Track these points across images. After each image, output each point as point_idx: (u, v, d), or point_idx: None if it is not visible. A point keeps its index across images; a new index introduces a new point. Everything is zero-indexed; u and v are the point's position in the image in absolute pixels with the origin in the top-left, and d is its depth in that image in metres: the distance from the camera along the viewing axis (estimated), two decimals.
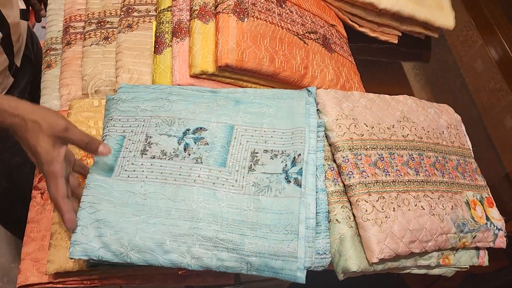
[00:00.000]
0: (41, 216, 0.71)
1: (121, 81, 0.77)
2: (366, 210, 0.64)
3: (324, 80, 0.81)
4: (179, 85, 0.75)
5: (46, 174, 0.56)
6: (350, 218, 0.65)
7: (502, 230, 0.76)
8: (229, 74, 0.76)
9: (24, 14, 0.92)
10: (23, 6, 0.94)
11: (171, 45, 0.79)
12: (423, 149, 0.75)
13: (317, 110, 0.72)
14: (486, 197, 0.79)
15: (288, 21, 0.79)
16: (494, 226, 0.75)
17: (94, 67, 0.80)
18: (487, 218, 0.75)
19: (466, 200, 0.75)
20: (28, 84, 0.94)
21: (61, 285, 0.65)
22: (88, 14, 0.88)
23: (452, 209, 0.71)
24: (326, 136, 0.70)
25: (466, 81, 1.10)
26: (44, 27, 0.97)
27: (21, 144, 0.57)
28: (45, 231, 0.69)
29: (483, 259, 0.76)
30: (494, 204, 0.79)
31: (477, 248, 0.75)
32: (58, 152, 0.56)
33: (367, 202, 0.65)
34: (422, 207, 0.68)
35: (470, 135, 0.86)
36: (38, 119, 0.54)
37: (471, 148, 0.84)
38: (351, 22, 1.02)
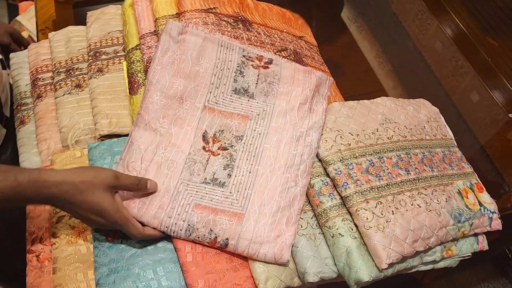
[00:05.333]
0: (41, 279, 0.68)
1: (101, 128, 0.75)
2: (367, 218, 0.65)
3: None
4: None
5: (119, 222, 0.60)
6: (352, 230, 0.65)
7: (495, 212, 0.78)
8: None
9: (3, 64, 0.89)
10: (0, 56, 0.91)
11: (145, 84, 0.78)
12: (409, 147, 0.77)
13: None
14: (475, 183, 0.81)
15: (257, 44, 0.79)
16: (487, 210, 0.77)
17: (71, 118, 0.78)
18: (480, 204, 0.77)
19: (458, 189, 0.77)
20: None
21: None
22: (54, 63, 0.86)
23: (446, 201, 0.73)
24: None
25: (428, 62, 1.13)
26: None
27: (69, 210, 0.59)
28: None
29: (483, 243, 0.78)
30: (484, 189, 0.81)
31: (476, 234, 0.77)
32: (118, 199, 0.61)
33: (366, 210, 0.65)
34: (418, 205, 0.69)
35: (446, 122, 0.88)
36: (87, 178, 0.57)
37: (453, 138, 0.86)
38: None
